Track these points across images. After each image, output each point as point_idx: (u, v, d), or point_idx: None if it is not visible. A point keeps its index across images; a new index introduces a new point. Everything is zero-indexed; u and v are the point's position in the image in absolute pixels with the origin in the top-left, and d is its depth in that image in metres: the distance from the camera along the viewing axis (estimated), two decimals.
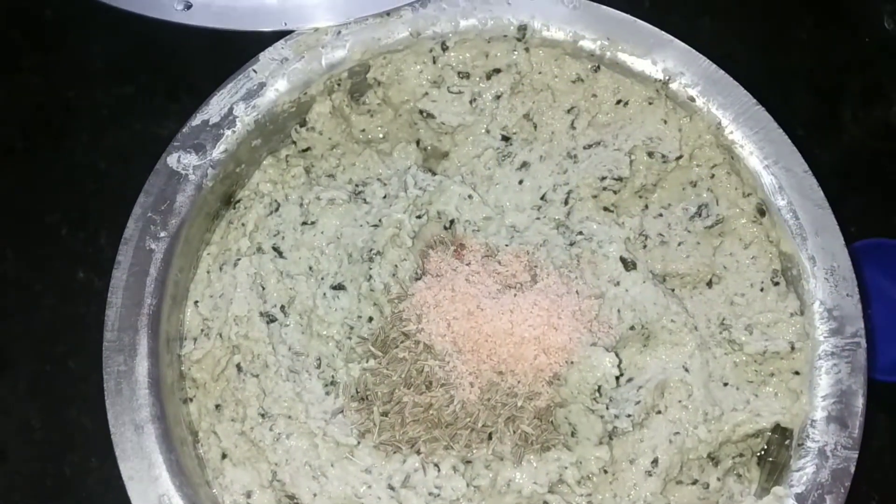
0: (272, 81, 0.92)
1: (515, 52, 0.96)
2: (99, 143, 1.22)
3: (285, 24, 0.93)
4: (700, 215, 0.94)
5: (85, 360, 1.09)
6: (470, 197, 0.94)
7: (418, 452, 0.85)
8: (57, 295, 1.16)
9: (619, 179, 0.94)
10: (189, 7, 0.94)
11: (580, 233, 0.93)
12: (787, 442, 0.87)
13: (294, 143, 0.98)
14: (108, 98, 1.24)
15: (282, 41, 0.93)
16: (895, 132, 1.28)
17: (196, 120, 0.91)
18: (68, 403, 1.11)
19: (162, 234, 0.87)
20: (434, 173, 0.97)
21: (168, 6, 0.95)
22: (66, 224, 1.20)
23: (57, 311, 1.16)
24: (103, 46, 1.25)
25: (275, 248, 0.93)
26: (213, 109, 0.91)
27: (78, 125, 1.24)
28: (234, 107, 0.91)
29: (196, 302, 0.92)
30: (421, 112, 0.96)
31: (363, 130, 0.99)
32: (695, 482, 0.87)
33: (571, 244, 0.92)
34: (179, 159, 0.89)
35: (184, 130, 0.90)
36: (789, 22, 1.32)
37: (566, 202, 0.95)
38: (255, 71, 0.92)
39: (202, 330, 0.91)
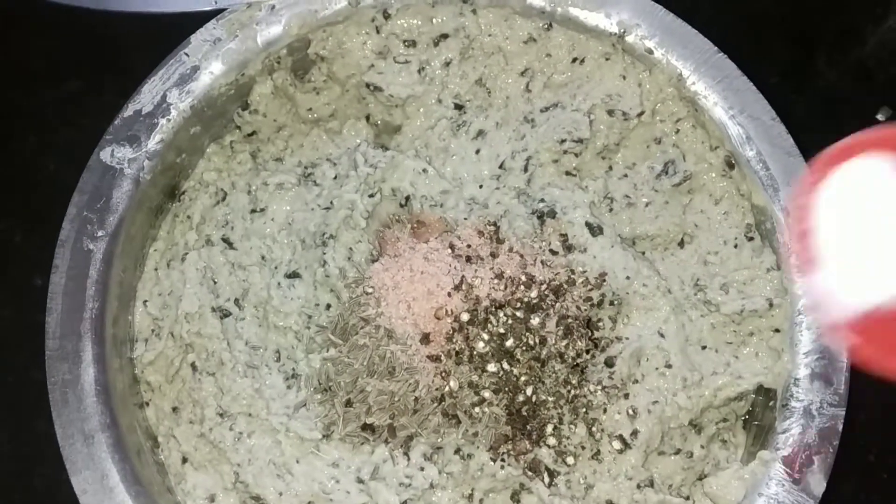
0: (206, 64, 0.88)
1: (462, 16, 0.92)
2: (47, 143, 1.18)
3: (216, 2, 0.88)
4: (667, 173, 0.90)
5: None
6: (425, 171, 0.89)
7: (386, 442, 0.82)
8: (14, 304, 1.13)
9: (580, 141, 0.90)
10: None
11: (542, 200, 0.88)
12: (771, 403, 0.83)
13: (238, 127, 0.94)
14: (53, 97, 1.20)
15: (213, 21, 0.89)
16: (871, 74, 1.24)
17: (128, 111, 0.86)
18: (34, 414, 1.06)
19: (100, 234, 0.83)
20: (386, 149, 0.92)
21: None
22: (20, 230, 1.16)
23: (15, 320, 1.12)
24: (44, 45, 1.21)
25: (224, 240, 0.89)
26: (145, 98, 0.86)
27: (24, 126, 1.20)
28: (167, 94, 0.87)
29: (145, 301, 0.88)
30: (368, 86, 0.92)
31: (310, 109, 0.94)
32: (678, 451, 0.83)
33: (533, 213, 0.88)
34: (113, 153, 0.85)
35: (115, 122, 0.86)
36: None
37: (526, 169, 0.90)
38: (186, 54, 0.88)
39: (153, 330, 0.87)
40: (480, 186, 0.90)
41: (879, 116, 1.21)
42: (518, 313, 0.81)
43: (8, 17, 1.23)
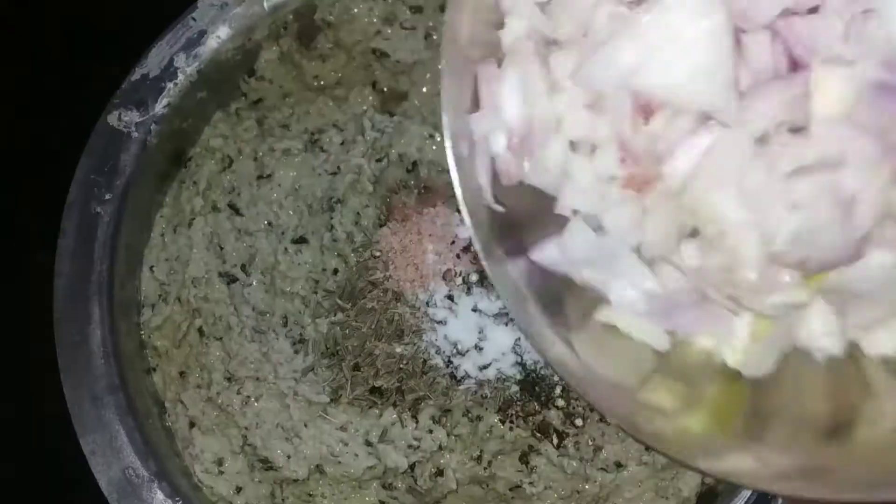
0: (213, 28, 0.87)
1: None
2: (50, 120, 1.18)
3: None
4: None
5: (52, 348, 1.06)
6: (431, 136, 0.89)
7: (394, 405, 0.81)
8: (16, 281, 1.12)
9: None
10: None
11: None
12: None
13: (244, 94, 0.93)
14: (55, 73, 1.19)
15: None
16: None
17: (135, 75, 0.86)
18: (38, 395, 1.06)
19: (107, 197, 0.82)
20: (393, 115, 0.92)
21: None
22: (22, 208, 1.15)
23: (17, 297, 1.11)
24: (45, 20, 1.20)
25: (231, 206, 0.88)
26: (152, 62, 0.86)
27: (24, 104, 1.19)
28: (174, 58, 0.86)
29: (151, 267, 0.87)
30: (374, 52, 0.92)
31: (316, 76, 0.94)
32: None
33: None
34: (120, 117, 0.85)
35: (123, 86, 0.86)
36: None
37: None
38: (193, 19, 0.87)
39: (160, 295, 0.86)
40: None
41: None
42: None
43: None
